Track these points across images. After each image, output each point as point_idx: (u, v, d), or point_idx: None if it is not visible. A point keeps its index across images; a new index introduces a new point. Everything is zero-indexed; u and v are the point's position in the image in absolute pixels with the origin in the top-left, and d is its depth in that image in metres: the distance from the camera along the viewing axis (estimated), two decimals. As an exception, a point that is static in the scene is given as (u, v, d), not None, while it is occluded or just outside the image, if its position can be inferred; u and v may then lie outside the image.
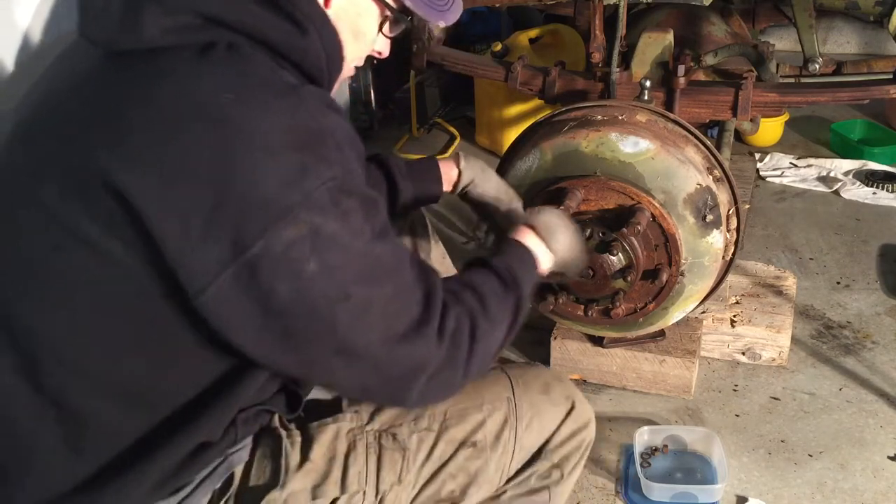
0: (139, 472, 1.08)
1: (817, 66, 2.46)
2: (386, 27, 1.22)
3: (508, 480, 1.39)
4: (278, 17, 1.06)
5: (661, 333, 2.19)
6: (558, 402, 1.40)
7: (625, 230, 1.77)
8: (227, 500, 1.20)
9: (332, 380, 1.12)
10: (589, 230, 1.80)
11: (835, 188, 3.21)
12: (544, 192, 1.86)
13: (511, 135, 2.03)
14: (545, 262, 1.40)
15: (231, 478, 1.21)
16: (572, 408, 1.41)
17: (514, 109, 3.47)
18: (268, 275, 0.97)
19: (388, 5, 1.18)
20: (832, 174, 3.29)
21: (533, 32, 3.49)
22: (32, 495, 1.07)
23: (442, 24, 1.22)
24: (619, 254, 1.82)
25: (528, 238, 1.39)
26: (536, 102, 3.31)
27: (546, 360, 2.26)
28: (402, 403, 1.22)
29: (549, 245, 1.41)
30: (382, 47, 1.27)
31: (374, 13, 1.20)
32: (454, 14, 1.24)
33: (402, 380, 1.10)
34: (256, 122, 0.97)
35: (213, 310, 0.99)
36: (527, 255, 1.35)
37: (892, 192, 3.15)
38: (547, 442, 1.39)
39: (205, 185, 0.95)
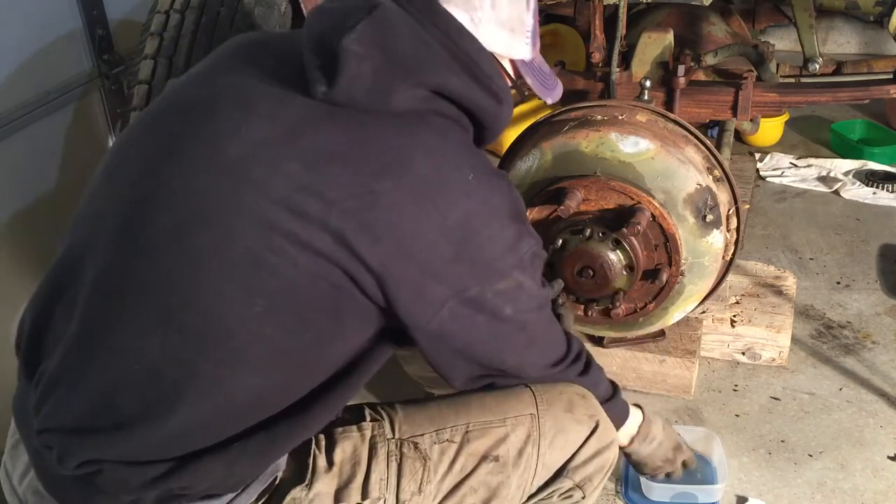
0: (234, 455, 1.17)
1: (817, 66, 2.46)
2: None
3: (530, 497, 1.39)
4: (483, 90, 1.23)
5: (661, 333, 2.19)
6: (582, 420, 1.39)
7: (625, 230, 1.77)
8: (265, 500, 1.25)
9: (451, 374, 1.31)
10: (589, 230, 1.80)
11: (835, 188, 3.21)
12: (544, 192, 1.86)
13: (511, 135, 2.03)
14: (629, 433, 1.59)
15: (274, 481, 1.25)
16: (596, 427, 1.40)
17: (514, 109, 3.47)
18: (472, 312, 1.20)
19: (511, 78, 1.34)
20: (832, 174, 3.29)
21: (533, 32, 3.49)
22: (137, 445, 1.15)
23: (549, 101, 1.43)
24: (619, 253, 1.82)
25: (636, 411, 1.59)
26: (536, 102, 3.30)
27: (546, 360, 2.26)
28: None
29: (642, 436, 1.60)
30: None
31: None
32: (558, 93, 1.43)
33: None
34: (493, 197, 1.21)
35: (421, 338, 1.20)
36: (623, 410, 1.55)
37: (892, 192, 3.15)
38: (570, 460, 1.38)
39: (446, 243, 1.15)
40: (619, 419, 1.52)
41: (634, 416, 1.58)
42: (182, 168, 1.14)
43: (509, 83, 1.34)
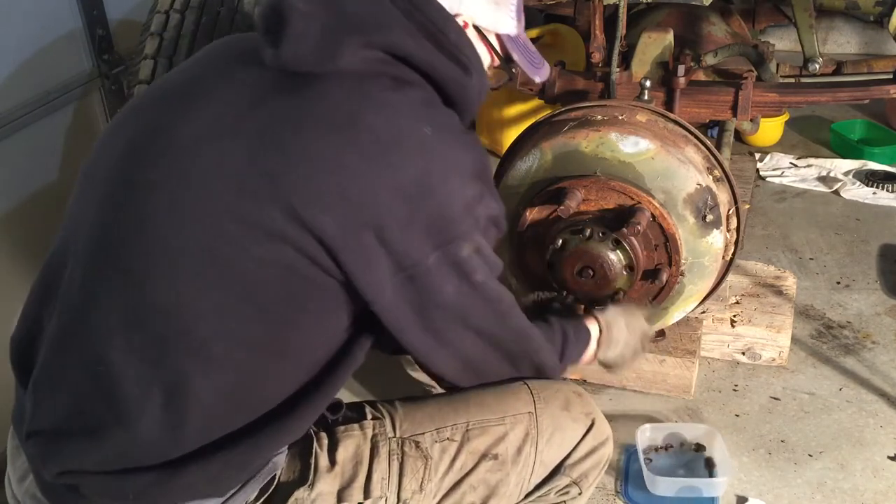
0: (219, 465, 1.15)
1: (817, 66, 2.46)
2: (489, 72, 1.35)
3: (527, 495, 1.39)
4: (448, 58, 1.20)
5: (662, 333, 2.19)
6: (578, 418, 1.41)
7: (625, 230, 1.77)
8: (266, 499, 1.23)
9: (430, 358, 1.26)
10: (589, 230, 1.80)
11: (835, 188, 3.21)
12: (544, 192, 1.86)
13: (511, 135, 2.03)
14: (591, 352, 1.56)
15: (273, 479, 1.24)
16: (592, 424, 1.41)
17: (514, 109, 3.47)
18: (439, 278, 1.15)
19: (497, 54, 1.34)
20: (832, 174, 3.29)
21: (533, 32, 3.49)
22: (113, 452, 1.13)
23: (537, 80, 1.42)
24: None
25: (593, 327, 1.56)
26: (536, 102, 3.30)
27: (546, 360, 2.26)
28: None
29: (605, 344, 1.57)
30: None
31: (486, 60, 1.33)
32: (545, 72, 1.44)
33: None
34: (453, 153, 1.16)
35: (384, 315, 1.15)
36: (584, 334, 1.52)
37: (892, 192, 3.15)
38: (566, 458, 1.39)
39: (401, 203, 1.10)
40: (579, 354, 1.51)
41: (593, 334, 1.55)
42: (146, 166, 1.14)
43: (497, 62, 1.34)
